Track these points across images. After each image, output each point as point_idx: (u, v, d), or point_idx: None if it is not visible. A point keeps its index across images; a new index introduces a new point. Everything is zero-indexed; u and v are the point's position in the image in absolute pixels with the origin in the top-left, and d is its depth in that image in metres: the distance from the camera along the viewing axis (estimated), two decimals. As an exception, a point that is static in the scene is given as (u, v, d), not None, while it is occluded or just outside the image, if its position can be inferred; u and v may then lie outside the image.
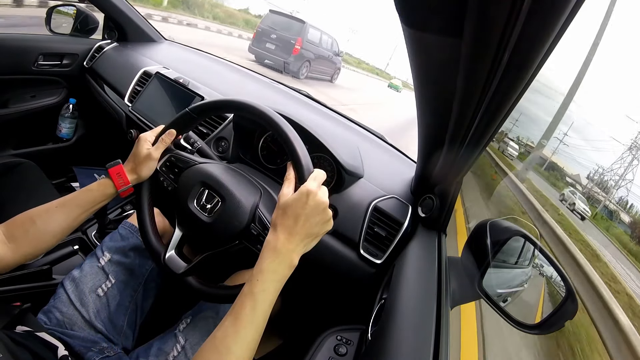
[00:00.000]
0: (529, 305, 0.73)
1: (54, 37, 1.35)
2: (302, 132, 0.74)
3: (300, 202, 0.50)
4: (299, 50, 7.24)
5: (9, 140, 1.36)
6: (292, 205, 0.51)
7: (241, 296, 0.48)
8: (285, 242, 0.50)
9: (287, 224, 0.50)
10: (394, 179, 0.92)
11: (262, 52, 7.46)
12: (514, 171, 10.53)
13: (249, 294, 0.47)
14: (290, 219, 0.50)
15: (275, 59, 7.35)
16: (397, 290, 0.59)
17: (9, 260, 0.56)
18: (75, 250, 0.94)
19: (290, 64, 7.30)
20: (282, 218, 0.51)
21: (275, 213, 0.52)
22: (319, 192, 0.52)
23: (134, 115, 1.15)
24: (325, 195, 0.53)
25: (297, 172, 0.57)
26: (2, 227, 0.57)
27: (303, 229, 0.50)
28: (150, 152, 0.67)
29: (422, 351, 0.45)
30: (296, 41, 7.21)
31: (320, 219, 0.52)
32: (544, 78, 7.90)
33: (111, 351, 0.62)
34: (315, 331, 0.66)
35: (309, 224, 0.51)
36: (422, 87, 0.45)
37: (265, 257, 0.49)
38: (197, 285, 0.62)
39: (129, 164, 0.68)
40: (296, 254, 0.50)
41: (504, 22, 0.25)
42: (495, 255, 0.61)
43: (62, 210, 0.61)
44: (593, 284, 3.41)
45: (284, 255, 0.49)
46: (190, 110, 0.67)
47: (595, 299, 3.17)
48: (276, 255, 0.49)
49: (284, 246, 0.49)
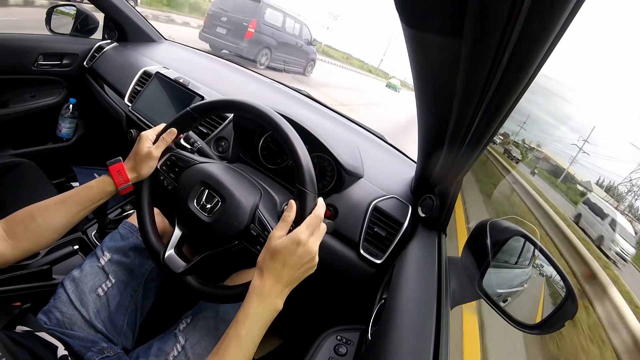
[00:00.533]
0: (529, 305, 0.73)
1: (54, 37, 1.35)
2: (302, 132, 0.74)
3: (289, 250, 0.51)
4: (252, 33, 6.00)
5: (9, 140, 1.36)
6: (282, 252, 0.51)
7: (226, 338, 0.49)
8: (272, 288, 0.51)
9: (275, 270, 0.51)
10: (394, 179, 0.92)
11: (213, 38, 6.20)
12: (515, 170, 9.83)
13: (235, 337, 0.48)
14: (278, 264, 0.51)
15: (227, 46, 6.09)
16: (397, 290, 0.59)
17: (9, 256, 0.56)
18: (75, 250, 0.94)
19: (243, 50, 6.05)
20: (270, 262, 0.52)
21: (262, 255, 0.53)
22: (310, 241, 0.53)
23: (134, 115, 1.15)
24: (315, 243, 0.54)
25: (297, 173, 0.57)
26: (2, 224, 0.57)
27: (289, 275, 0.52)
28: (151, 151, 0.67)
29: (422, 351, 0.45)
30: (249, 23, 5.97)
31: (307, 267, 0.53)
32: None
33: (111, 351, 0.62)
34: (315, 331, 0.66)
35: (296, 271, 0.52)
36: (422, 87, 0.45)
37: (251, 301, 0.50)
38: (197, 285, 0.62)
39: (129, 162, 0.68)
40: (280, 299, 0.52)
41: (504, 22, 0.25)
42: (495, 255, 0.61)
43: (62, 207, 0.61)
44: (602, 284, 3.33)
45: (270, 300, 0.51)
46: (192, 110, 0.67)
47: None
48: (262, 300, 0.50)
49: (271, 292, 0.51)
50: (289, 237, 0.52)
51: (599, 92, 52.93)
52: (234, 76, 1.39)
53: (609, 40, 50.54)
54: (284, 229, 0.53)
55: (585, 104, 39.13)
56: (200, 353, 0.63)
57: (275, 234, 0.53)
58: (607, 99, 51.06)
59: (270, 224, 0.61)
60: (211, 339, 0.65)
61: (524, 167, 13.33)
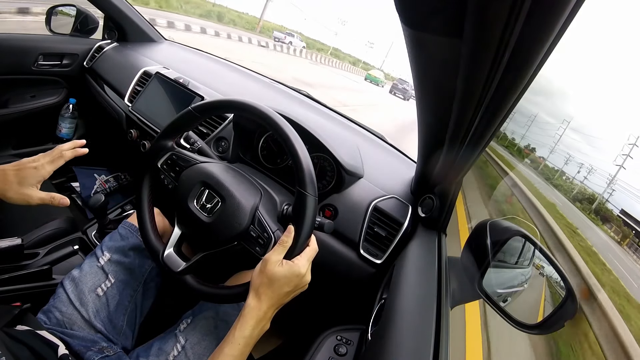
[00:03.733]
0: (529, 305, 0.73)
1: (54, 37, 1.35)
2: (302, 132, 0.74)
3: (288, 279, 0.54)
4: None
5: (9, 140, 1.36)
6: (281, 280, 0.53)
7: (220, 355, 0.51)
8: (267, 311, 0.53)
9: (272, 296, 0.54)
10: (394, 179, 0.92)
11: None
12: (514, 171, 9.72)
13: (230, 356, 0.51)
14: (275, 292, 0.53)
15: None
16: (397, 290, 0.59)
17: None
18: (75, 250, 0.94)
19: None
20: (267, 287, 0.53)
21: (259, 277, 0.54)
22: (308, 273, 0.56)
23: (134, 115, 1.15)
24: (309, 272, 0.57)
25: (297, 174, 0.57)
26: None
27: (283, 300, 0.55)
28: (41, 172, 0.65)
29: (422, 351, 0.45)
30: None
31: (299, 292, 0.57)
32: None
33: (111, 351, 0.62)
34: (315, 331, 0.66)
35: (289, 296, 0.56)
36: (422, 87, 0.45)
37: (249, 324, 0.52)
38: (195, 285, 0.62)
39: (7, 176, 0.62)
40: (269, 321, 0.55)
41: (504, 22, 0.25)
42: (495, 255, 0.61)
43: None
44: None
45: (264, 323, 0.54)
46: (193, 109, 0.67)
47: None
48: (258, 323, 0.53)
49: (266, 315, 0.53)
50: (290, 269, 0.54)
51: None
52: (234, 76, 1.39)
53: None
54: (280, 254, 0.55)
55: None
56: (200, 353, 0.63)
57: (272, 258, 0.54)
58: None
59: (270, 226, 0.60)
60: (211, 339, 0.65)
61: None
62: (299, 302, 0.59)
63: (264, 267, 0.54)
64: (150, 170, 0.70)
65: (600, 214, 3.05)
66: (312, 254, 0.57)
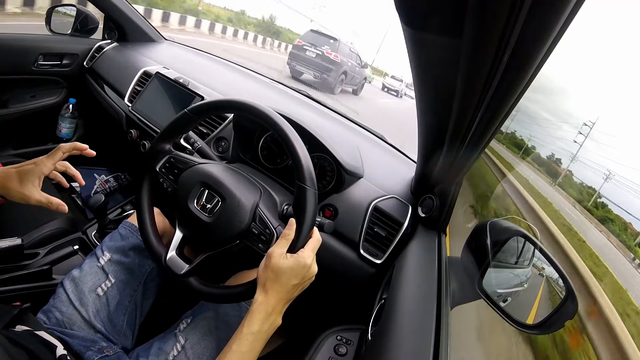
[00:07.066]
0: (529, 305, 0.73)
1: (54, 37, 1.35)
2: (302, 132, 0.74)
3: (295, 272, 0.53)
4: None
5: (9, 140, 1.36)
6: (287, 272, 0.53)
7: (228, 352, 0.50)
8: (276, 305, 0.53)
9: (279, 289, 0.53)
10: (394, 179, 0.92)
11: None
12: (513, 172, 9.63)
13: (238, 352, 0.50)
14: (282, 283, 0.53)
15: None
16: (397, 290, 0.59)
17: None
18: (75, 250, 0.94)
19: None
20: (273, 282, 0.53)
21: (264, 272, 0.54)
22: (313, 264, 0.55)
23: (134, 115, 1.15)
24: (315, 263, 0.56)
25: (297, 171, 0.57)
26: None
27: (292, 293, 0.54)
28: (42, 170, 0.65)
29: (422, 351, 0.45)
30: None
31: (307, 284, 0.56)
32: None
33: (110, 350, 0.62)
34: (315, 331, 0.67)
35: (298, 290, 0.55)
36: (422, 87, 0.45)
37: (256, 318, 0.52)
38: (199, 286, 0.62)
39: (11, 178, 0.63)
40: (281, 315, 0.54)
41: (504, 22, 0.25)
42: (495, 255, 0.61)
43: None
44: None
45: (274, 317, 0.53)
46: (189, 111, 0.67)
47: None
48: (267, 318, 0.52)
49: (275, 309, 0.53)
50: (296, 260, 0.53)
51: (605, 90, 36.93)
52: (234, 76, 1.39)
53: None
54: (284, 247, 0.54)
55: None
56: (200, 353, 0.63)
57: (275, 252, 0.54)
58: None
59: (272, 222, 0.60)
60: (211, 339, 0.65)
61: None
62: (299, 302, 0.59)
63: (268, 262, 0.53)
64: (148, 174, 0.70)
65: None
66: (316, 245, 0.56)
